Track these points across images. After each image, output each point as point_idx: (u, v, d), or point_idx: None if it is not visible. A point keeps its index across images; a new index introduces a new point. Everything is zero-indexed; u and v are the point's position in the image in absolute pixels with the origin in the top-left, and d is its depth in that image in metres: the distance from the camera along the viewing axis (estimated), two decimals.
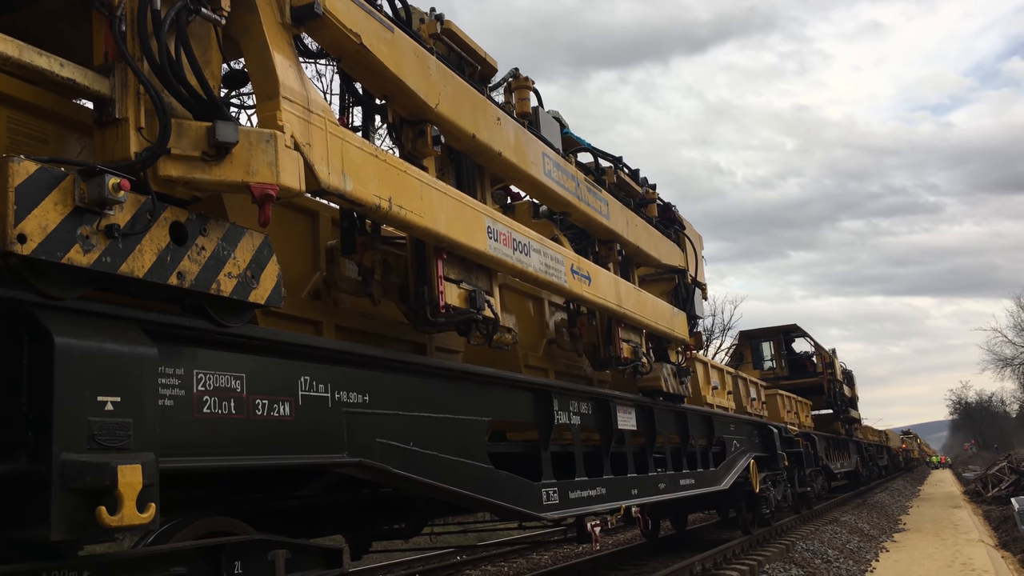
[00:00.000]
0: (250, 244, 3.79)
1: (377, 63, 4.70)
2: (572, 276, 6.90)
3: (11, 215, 2.84)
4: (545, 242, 6.53)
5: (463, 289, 5.54)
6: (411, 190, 4.77)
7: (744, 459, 12.45)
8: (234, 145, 3.53)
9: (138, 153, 3.37)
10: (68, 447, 2.77)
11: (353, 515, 6.58)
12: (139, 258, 3.25)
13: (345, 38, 4.45)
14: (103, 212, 3.12)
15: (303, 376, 4.09)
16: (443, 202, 5.11)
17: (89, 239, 3.08)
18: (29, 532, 2.76)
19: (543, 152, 6.79)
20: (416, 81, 5.03)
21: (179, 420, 3.36)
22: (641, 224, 9.06)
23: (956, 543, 14.96)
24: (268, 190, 3.62)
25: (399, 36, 4.91)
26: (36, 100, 3.40)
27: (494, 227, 5.72)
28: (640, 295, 8.75)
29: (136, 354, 3.08)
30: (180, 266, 3.42)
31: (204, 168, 3.50)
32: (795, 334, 27.71)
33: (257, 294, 3.77)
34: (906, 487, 38.22)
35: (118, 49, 3.42)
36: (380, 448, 4.55)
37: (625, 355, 8.33)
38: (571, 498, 6.75)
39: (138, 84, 3.42)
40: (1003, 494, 25.43)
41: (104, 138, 3.41)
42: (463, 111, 5.57)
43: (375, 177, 4.46)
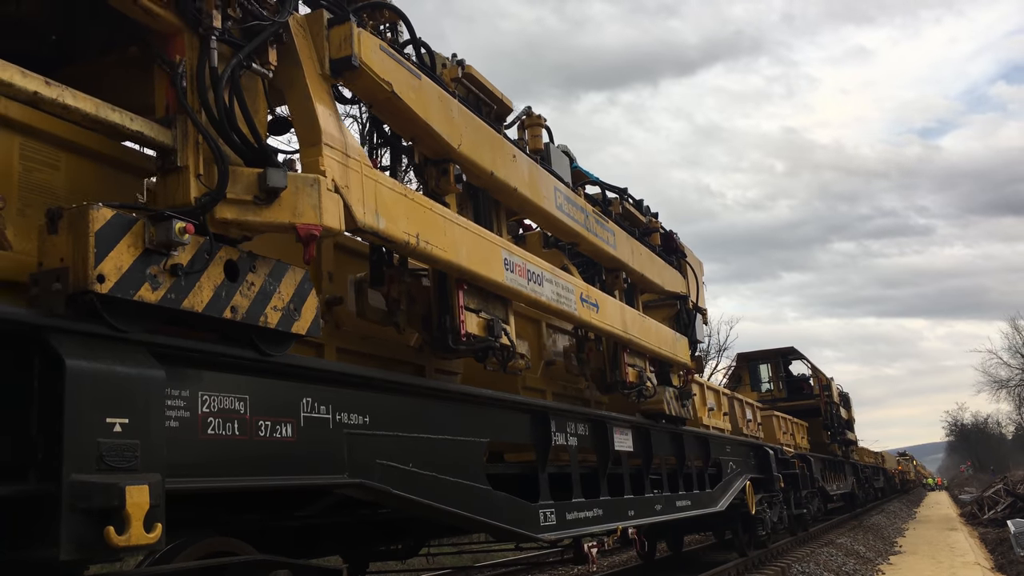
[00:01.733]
0: (293, 279, 4.06)
1: (406, 108, 5.03)
2: (581, 304, 7.18)
3: (91, 257, 3.10)
4: (557, 272, 6.83)
5: (482, 318, 5.82)
6: (436, 226, 5.07)
7: (740, 481, 12.48)
8: (283, 190, 3.82)
9: (198, 198, 3.65)
10: (78, 468, 2.82)
11: (351, 536, 6.62)
12: (199, 294, 3.52)
13: (378, 87, 4.77)
14: (169, 253, 3.38)
15: (305, 398, 4.14)
16: (464, 236, 5.41)
17: (157, 278, 3.34)
18: (38, 552, 2.81)
19: (555, 186, 7.13)
20: (440, 124, 5.35)
21: (184, 441, 3.40)
22: (645, 253, 9.43)
23: (952, 566, 14.97)
24: (312, 230, 3.90)
25: (426, 83, 5.25)
26: (48, 128, 3.46)
27: (510, 259, 6.04)
28: (645, 321, 9.06)
29: (144, 376, 3.14)
30: (233, 301, 3.69)
31: (255, 211, 3.79)
32: (792, 356, 27.83)
33: (299, 325, 4.03)
34: (902, 509, 38.16)
35: (179, 103, 3.71)
36: (380, 469, 4.60)
37: (630, 379, 8.58)
38: (568, 519, 6.79)
39: (197, 134, 3.71)
40: (999, 516, 25.42)
41: (166, 184, 3.71)
42: (482, 150, 5.90)
43: (405, 215, 4.77)
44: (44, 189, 3.28)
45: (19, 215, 3.18)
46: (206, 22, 3.79)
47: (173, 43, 3.81)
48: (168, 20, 3.74)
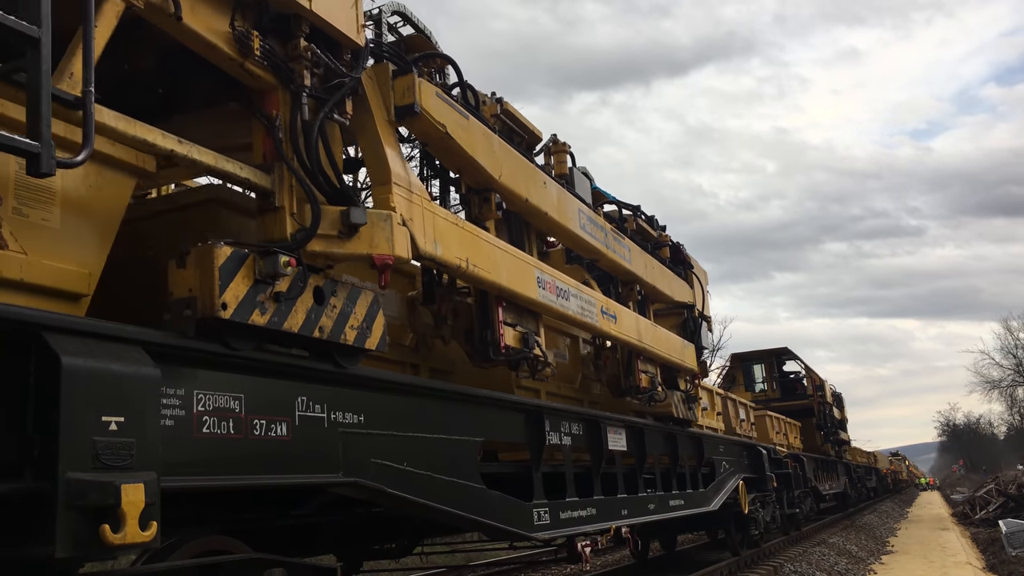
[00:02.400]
0: (365, 301, 4.61)
1: (456, 146, 5.72)
2: (602, 316, 7.83)
3: (216, 288, 3.64)
4: (580, 287, 7.48)
5: (518, 331, 6.43)
6: (482, 250, 5.74)
7: (733, 480, 12.52)
8: (362, 225, 4.36)
9: (293, 234, 4.19)
10: (73, 466, 2.83)
11: (345, 534, 6.62)
12: (295, 316, 4.08)
13: (434, 128, 5.45)
14: (273, 282, 3.92)
15: (300, 396, 4.15)
16: (504, 258, 6.07)
17: (264, 304, 3.90)
18: (33, 550, 2.82)
19: (578, 208, 7.81)
20: (484, 158, 6.05)
21: (179, 440, 3.42)
22: (657, 266, 10.17)
23: (944, 565, 15.03)
24: (387, 260, 4.51)
25: (472, 122, 5.94)
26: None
27: (542, 277, 6.68)
28: (656, 330, 9.71)
29: (140, 375, 3.15)
30: (320, 321, 4.24)
31: (339, 243, 4.34)
32: (786, 357, 27.92)
33: (370, 341, 4.59)
34: (894, 509, 38.29)
35: (277, 151, 4.24)
36: (375, 468, 4.61)
37: (643, 385, 9.17)
38: (562, 518, 6.80)
39: (291, 178, 4.25)
40: (991, 516, 25.52)
41: (264, 222, 4.26)
42: (519, 179, 6.58)
43: (457, 242, 5.41)
44: (40, 187, 3.29)
45: (15, 214, 3.18)
46: (297, 81, 4.30)
47: (269, 99, 4.31)
48: (266, 79, 4.24)
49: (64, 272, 3.32)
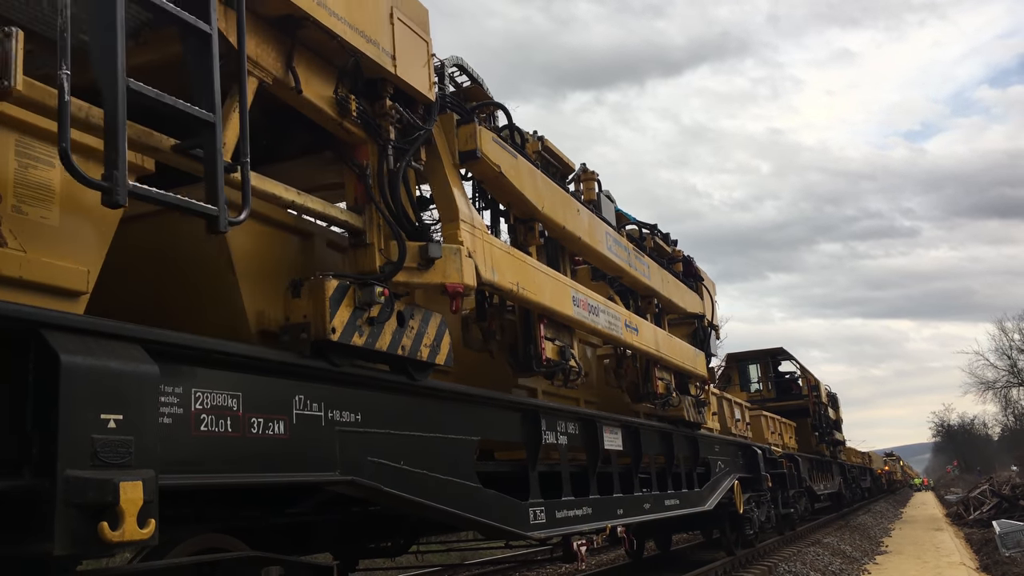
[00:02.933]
0: (436, 322, 5.27)
1: (508, 183, 6.53)
2: (626, 329, 8.64)
3: (327, 315, 4.30)
4: (608, 304, 8.31)
5: (556, 345, 7.20)
6: (529, 275, 6.50)
7: (728, 480, 12.55)
8: (438, 259, 5.04)
9: (382, 267, 4.88)
10: (72, 464, 2.83)
11: (342, 533, 6.63)
12: (384, 337, 4.74)
13: (490, 168, 6.24)
14: (368, 309, 4.57)
15: (298, 395, 4.17)
16: (546, 280, 6.84)
17: (361, 327, 4.55)
18: (31, 548, 2.82)
19: (606, 231, 8.59)
20: (530, 192, 6.86)
21: (177, 438, 3.42)
22: (672, 280, 11.04)
23: (938, 566, 15.07)
24: (457, 288, 5.20)
25: (521, 161, 6.76)
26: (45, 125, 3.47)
27: (576, 296, 7.46)
28: (672, 340, 10.53)
29: (138, 372, 3.15)
30: (402, 341, 4.90)
31: (418, 274, 5.02)
32: (782, 357, 27.96)
33: (439, 357, 5.25)
34: (889, 509, 38.36)
35: (367, 196, 4.94)
36: (371, 466, 4.62)
37: (660, 391, 9.95)
38: (557, 517, 6.82)
39: (379, 219, 4.95)
40: (985, 517, 25.58)
41: (356, 256, 4.95)
42: (558, 209, 7.39)
43: (509, 268, 6.15)
44: (38, 186, 3.29)
45: (14, 212, 3.19)
46: (384, 135, 5.00)
47: (360, 150, 5.01)
48: (358, 134, 4.93)
49: (63, 270, 3.32)
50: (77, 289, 3.38)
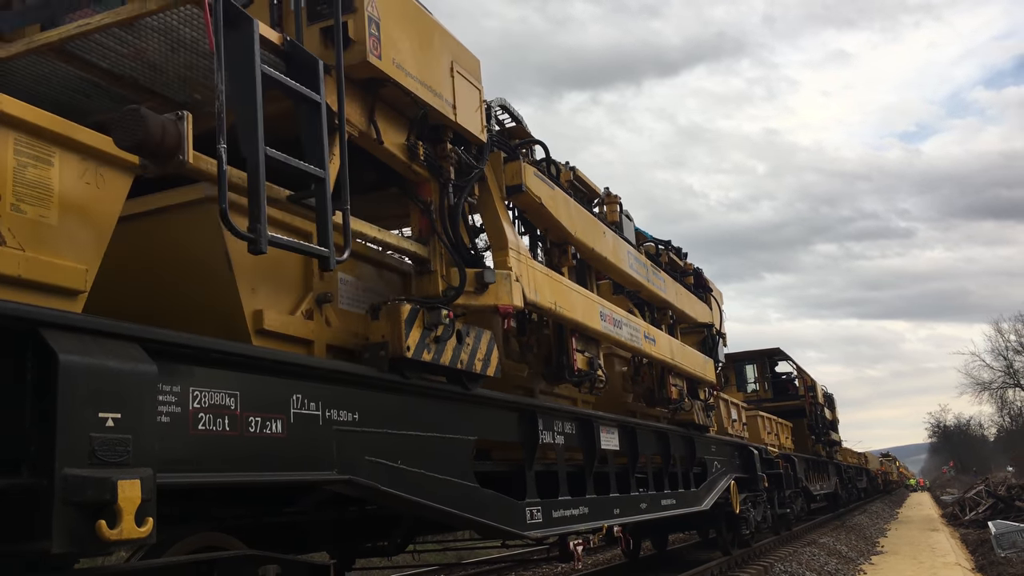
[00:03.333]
0: (486, 339, 5.90)
1: (547, 212, 7.31)
2: (644, 340, 9.35)
3: (403, 335, 4.96)
4: (629, 317, 9.03)
5: (585, 356, 7.97)
6: (564, 294, 7.18)
7: (725, 480, 12.56)
8: (492, 283, 5.70)
9: (444, 291, 5.58)
10: (70, 462, 2.84)
11: (338, 532, 6.63)
12: (446, 353, 5.37)
13: (532, 200, 7.00)
14: (435, 329, 5.20)
15: (295, 394, 4.17)
16: (578, 299, 7.53)
17: (429, 345, 5.18)
18: (29, 546, 2.83)
19: (627, 250, 9.37)
20: (564, 219, 7.64)
21: (175, 436, 3.42)
22: (685, 293, 11.88)
23: (933, 566, 15.10)
24: (508, 309, 5.90)
25: (557, 192, 7.55)
26: (44, 124, 3.48)
27: (603, 312, 8.17)
28: (684, 349, 11.28)
29: (136, 371, 3.16)
30: (461, 356, 5.54)
31: (475, 297, 5.68)
32: (778, 357, 27.97)
33: (489, 370, 5.89)
34: (884, 509, 38.42)
35: (431, 229, 5.66)
36: (369, 466, 4.63)
37: (673, 396, 10.71)
38: (554, 517, 6.83)
39: (442, 248, 5.67)
40: (980, 518, 25.64)
41: (421, 282, 5.68)
42: (588, 233, 8.16)
43: (548, 289, 6.82)
44: (37, 184, 3.30)
45: (13, 210, 3.19)
46: (445, 174, 5.70)
47: (424, 188, 5.70)
48: (423, 174, 5.64)
49: (61, 268, 3.33)
50: (75, 288, 3.39)
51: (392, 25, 5.06)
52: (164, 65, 4.41)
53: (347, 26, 4.73)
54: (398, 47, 5.09)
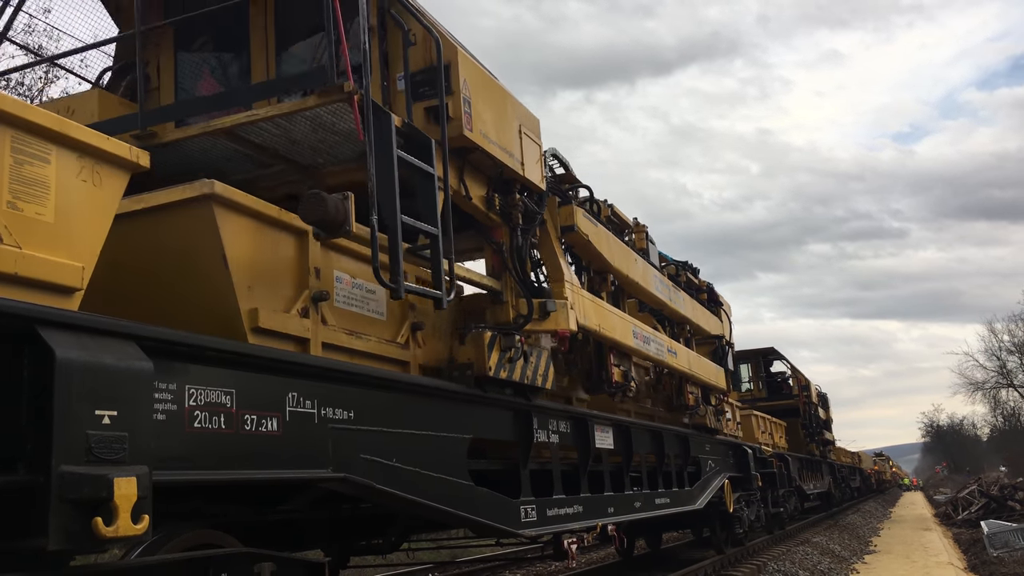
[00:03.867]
0: (545, 357, 6.95)
1: (592, 247, 8.48)
2: (668, 353, 10.69)
3: (486, 357, 6.01)
4: (655, 333, 10.37)
5: (620, 370, 9.10)
6: (606, 316, 8.38)
7: (719, 479, 12.58)
8: (553, 311, 6.76)
9: (514, 319, 6.65)
10: (67, 459, 2.85)
11: (333, 530, 6.63)
12: (516, 371, 6.41)
13: (580, 237, 8.11)
14: (509, 351, 6.25)
15: (291, 392, 4.18)
16: (617, 320, 8.79)
17: (504, 365, 6.25)
18: (26, 542, 2.84)
19: (654, 274, 10.66)
20: (606, 252, 8.82)
21: (171, 434, 3.43)
22: (700, 309, 13.23)
23: (926, 565, 15.15)
24: (566, 333, 6.99)
25: (600, 228, 8.74)
26: (40, 121, 3.48)
27: (636, 330, 9.38)
28: (700, 360, 12.49)
29: (133, 369, 3.17)
30: (526, 373, 6.56)
31: (539, 323, 6.75)
32: (773, 357, 28.02)
33: (547, 383, 6.93)
34: (878, 509, 38.51)
35: (503, 266, 6.76)
36: (364, 464, 4.64)
37: (691, 403, 11.92)
38: (549, 515, 6.85)
39: (512, 282, 6.76)
40: (973, 517, 25.73)
41: (495, 311, 6.73)
42: (624, 262, 9.43)
43: (594, 313, 7.94)
44: (34, 182, 3.30)
45: (10, 208, 3.20)
46: (514, 220, 6.73)
47: (497, 232, 6.76)
48: (496, 220, 6.70)
49: (58, 266, 3.33)
50: (72, 286, 3.40)
51: (479, 101, 6.10)
52: (302, 140, 5.54)
53: (447, 106, 5.67)
54: (484, 119, 6.14)
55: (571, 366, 8.51)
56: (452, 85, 5.76)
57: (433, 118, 5.68)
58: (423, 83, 5.77)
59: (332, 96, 4.93)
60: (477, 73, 6.24)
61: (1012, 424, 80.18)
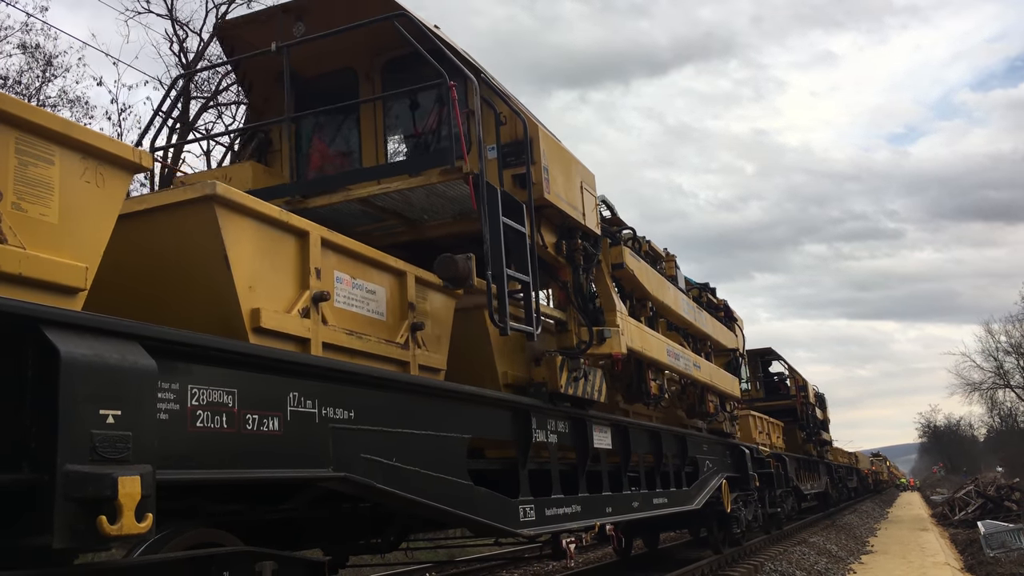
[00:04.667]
0: (599, 375, 8.13)
1: (636, 280, 9.86)
2: (694, 367, 12.05)
3: (558, 377, 7.27)
4: (683, 350, 11.74)
5: (656, 383, 10.32)
6: (646, 339, 9.77)
7: (716, 479, 12.62)
8: (608, 338, 7.98)
9: (577, 344, 7.89)
10: (71, 458, 2.87)
11: (332, 529, 6.65)
12: (579, 388, 7.59)
13: (627, 272, 9.47)
14: (575, 372, 7.48)
15: (292, 392, 4.20)
16: (655, 341, 10.18)
17: (571, 383, 7.43)
18: (30, 540, 2.86)
19: (682, 298, 12.28)
20: (646, 283, 10.18)
21: (174, 433, 3.46)
22: (719, 326, 14.88)
23: (923, 566, 15.19)
24: (619, 355, 8.29)
25: (642, 263, 10.13)
26: (44, 123, 3.50)
27: (669, 349, 10.78)
28: (719, 372, 13.88)
29: (137, 369, 3.19)
30: (586, 389, 7.76)
31: (597, 347, 7.91)
32: (770, 357, 28.04)
33: (601, 397, 8.16)
34: (875, 509, 38.56)
35: (568, 300, 8.00)
36: (364, 463, 4.66)
37: (711, 411, 13.26)
38: (547, 515, 6.87)
39: (576, 313, 7.99)
40: (970, 518, 25.77)
41: (561, 338, 8.00)
42: (660, 290, 10.86)
43: (638, 337, 9.28)
44: (38, 183, 3.32)
45: (14, 208, 3.22)
46: (576, 261, 7.94)
47: (562, 271, 7.96)
48: (562, 262, 7.93)
49: (62, 267, 3.36)
50: (76, 286, 3.42)
51: (553, 167, 7.37)
52: (416, 203, 6.95)
53: (531, 173, 6.94)
54: (557, 182, 7.41)
55: (615, 380, 9.60)
56: (534, 156, 7.03)
57: (519, 183, 6.95)
58: (510, 154, 7.00)
59: (452, 175, 6.31)
60: (552, 144, 7.54)
61: (1009, 425, 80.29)
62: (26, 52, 21.85)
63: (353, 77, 7.78)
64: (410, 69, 7.38)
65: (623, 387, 10.05)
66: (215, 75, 25.22)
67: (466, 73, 6.53)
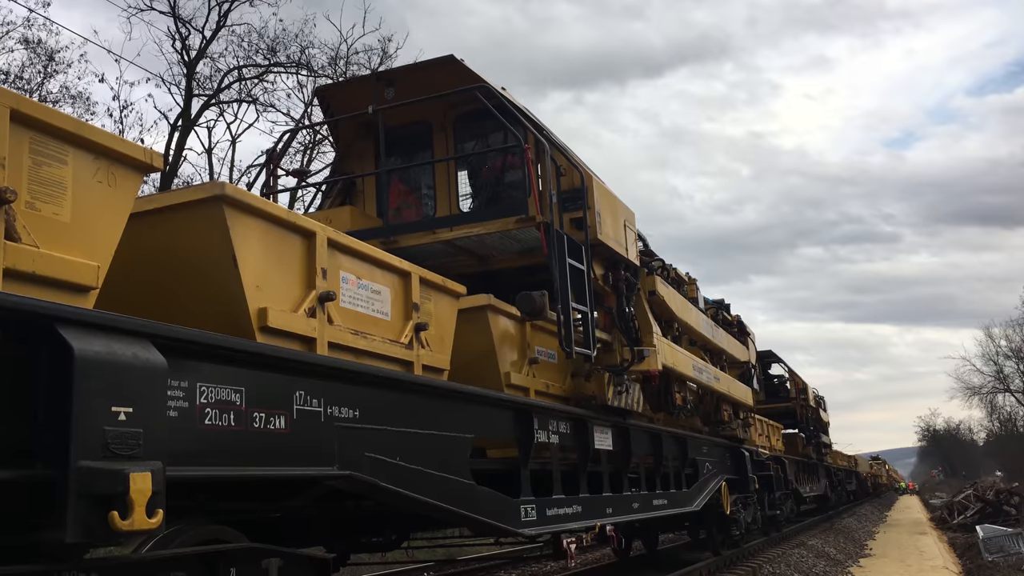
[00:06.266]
0: (637, 389, 9.19)
1: (667, 305, 10.92)
2: (714, 380, 13.04)
3: (606, 391, 8.34)
4: (705, 364, 12.73)
5: (680, 395, 11.10)
6: (676, 356, 10.60)
7: (716, 481, 12.65)
8: (646, 356, 8.89)
9: (620, 362, 8.76)
10: (84, 454, 2.92)
11: (335, 527, 6.70)
12: (622, 400, 8.69)
13: (659, 298, 10.49)
14: (617, 387, 8.55)
15: (298, 391, 4.24)
16: (682, 358, 10.98)
17: (616, 397, 8.52)
18: (43, 535, 2.90)
19: (703, 317, 13.32)
20: (674, 306, 11.29)
21: (184, 431, 3.50)
22: (733, 341, 15.89)
23: (921, 569, 15.23)
24: (655, 372, 9.17)
25: (671, 289, 11.35)
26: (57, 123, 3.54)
27: (695, 364, 11.67)
28: (733, 383, 14.79)
29: (148, 367, 3.23)
30: (627, 400, 8.83)
31: (636, 365, 8.83)
32: (771, 360, 28.05)
33: (639, 408, 9.27)
34: (873, 512, 38.58)
35: (612, 323, 8.85)
36: (368, 462, 4.71)
37: (726, 419, 14.27)
38: (548, 515, 6.91)
39: (619, 335, 8.89)
40: (968, 522, 25.81)
41: (606, 356, 8.66)
42: (684, 312, 11.94)
43: (669, 354, 10.03)
44: (51, 183, 3.37)
45: (28, 208, 3.26)
46: (619, 289, 8.93)
47: (608, 298, 8.88)
48: (608, 290, 8.89)
49: (74, 265, 3.40)
50: (88, 284, 3.46)
51: (603, 210, 8.50)
52: (490, 243, 8.17)
53: (587, 217, 8.02)
54: (606, 223, 8.51)
55: (646, 392, 10.34)
56: (589, 202, 8.12)
57: (575, 225, 8.02)
58: (568, 200, 8.08)
59: (526, 223, 7.60)
60: (602, 190, 8.70)
61: (1008, 429, 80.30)
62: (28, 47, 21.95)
63: (428, 128, 9.17)
64: (477, 122, 8.87)
65: (652, 398, 10.72)
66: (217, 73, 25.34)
67: (536, 135, 7.82)
